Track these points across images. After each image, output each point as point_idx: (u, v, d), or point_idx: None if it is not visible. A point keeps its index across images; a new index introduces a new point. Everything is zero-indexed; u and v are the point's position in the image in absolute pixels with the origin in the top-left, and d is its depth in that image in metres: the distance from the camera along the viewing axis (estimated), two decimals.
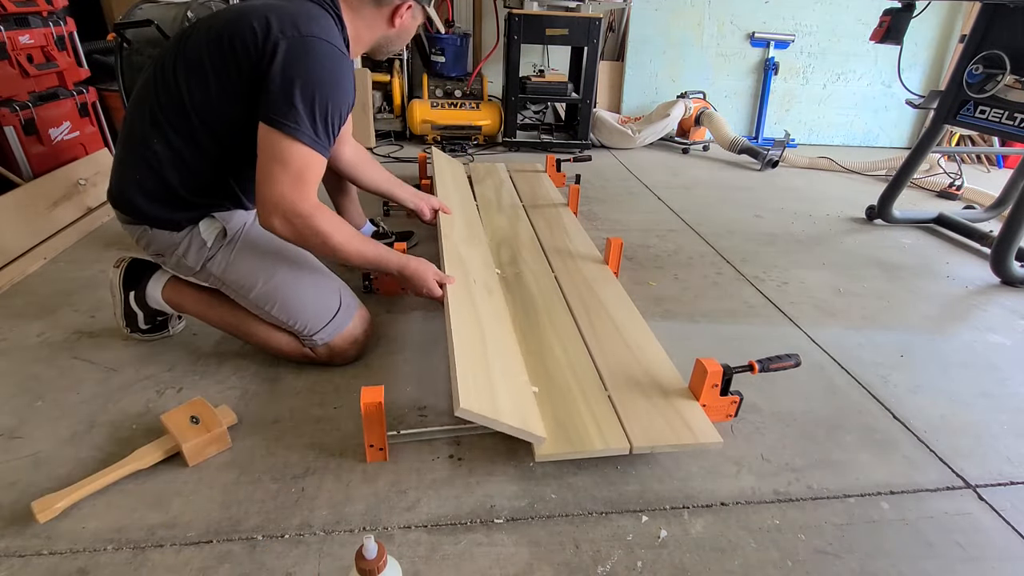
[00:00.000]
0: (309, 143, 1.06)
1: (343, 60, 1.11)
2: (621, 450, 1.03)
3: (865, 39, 3.47)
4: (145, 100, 1.14)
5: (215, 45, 1.08)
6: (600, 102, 3.85)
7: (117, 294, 1.35)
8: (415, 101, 3.33)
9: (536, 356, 1.27)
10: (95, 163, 2.28)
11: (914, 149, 2.37)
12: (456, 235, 1.65)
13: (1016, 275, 1.98)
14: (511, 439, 1.04)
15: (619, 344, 1.32)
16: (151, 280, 1.34)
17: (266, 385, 1.28)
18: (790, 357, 1.17)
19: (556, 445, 1.02)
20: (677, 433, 1.06)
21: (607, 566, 0.91)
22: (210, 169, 1.18)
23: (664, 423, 1.08)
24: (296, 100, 1.04)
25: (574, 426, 1.07)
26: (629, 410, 1.12)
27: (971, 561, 0.96)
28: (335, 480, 1.04)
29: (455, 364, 1.02)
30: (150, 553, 0.89)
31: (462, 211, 1.92)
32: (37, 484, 1.00)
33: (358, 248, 1.20)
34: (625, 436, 1.05)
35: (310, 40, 1.06)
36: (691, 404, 1.14)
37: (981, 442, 1.23)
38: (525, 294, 1.52)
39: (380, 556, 0.71)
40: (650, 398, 1.15)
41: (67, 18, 2.29)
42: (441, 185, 2.08)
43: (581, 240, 1.86)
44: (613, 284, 1.59)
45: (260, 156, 1.07)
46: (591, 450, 1.02)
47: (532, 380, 1.18)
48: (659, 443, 1.04)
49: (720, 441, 1.05)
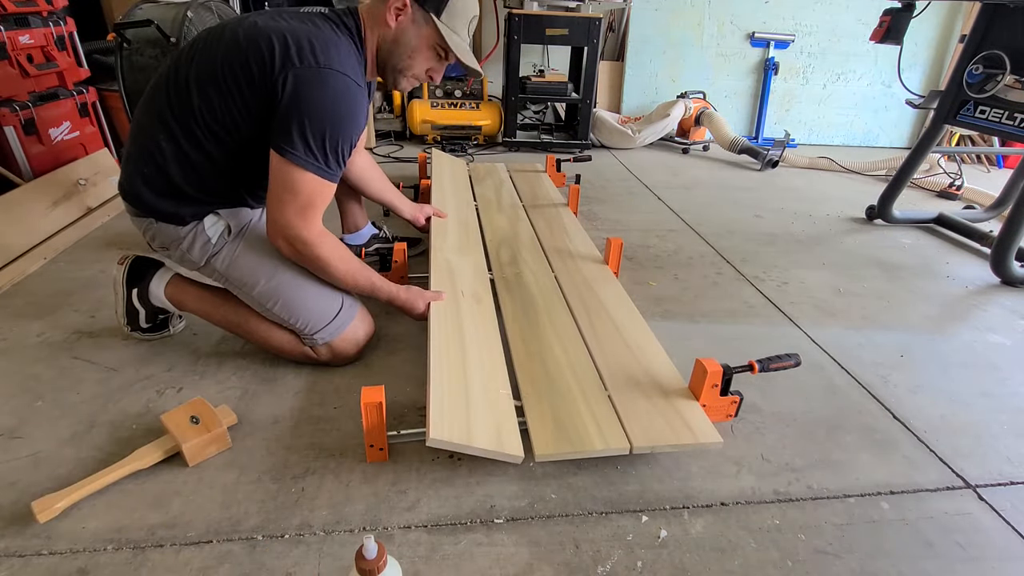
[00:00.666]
0: (317, 172, 1.09)
1: (356, 93, 1.11)
2: (621, 450, 1.03)
3: (865, 39, 3.47)
4: (157, 98, 1.15)
5: (230, 61, 1.08)
6: (600, 102, 3.85)
7: (120, 291, 1.35)
8: (415, 101, 3.33)
9: (536, 356, 1.27)
10: (95, 163, 2.28)
11: (914, 149, 2.37)
12: (448, 245, 1.67)
13: (1016, 275, 1.98)
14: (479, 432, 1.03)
15: (619, 344, 1.32)
16: (154, 277, 1.35)
17: (266, 385, 1.28)
18: (790, 357, 1.17)
19: (556, 445, 1.02)
20: (677, 433, 1.06)
21: (607, 566, 0.91)
22: (216, 173, 1.18)
23: (664, 423, 1.08)
24: (306, 133, 1.06)
25: (574, 426, 1.07)
26: (629, 410, 1.12)
27: (971, 561, 0.96)
28: (335, 480, 1.04)
29: (429, 393, 1.05)
30: (150, 553, 0.89)
31: (458, 214, 1.93)
32: (37, 484, 1.00)
33: (354, 277, 1.25)
34: (625, 436, 1.05)
35: (325, 72, 1.06)
36: (691, 404, 1.14)
37: (981, 442, 1.23)
38: (525, 294, 1.52)
39: (380, 556, 0.71)
40: (650, 398, 1.15)
41: (67, 18, 2.29)
42: (438, 188, 2.09)
43: (581, 240, 1.86)
44: (613, 284, 1.59)
45: (271, 180, 1.11)
46: (591, 450, 1.02)
47: (531, 380, 1.19)
48: (659, 443, 1.04)
49: (720, 441, 1.05)
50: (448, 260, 1.57)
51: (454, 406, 1.04)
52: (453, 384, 1.10)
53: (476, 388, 1.12)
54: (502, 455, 1.00)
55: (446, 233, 1.75)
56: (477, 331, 1.31)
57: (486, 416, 1.06)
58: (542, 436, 1.04)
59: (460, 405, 1.05)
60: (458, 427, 1.00)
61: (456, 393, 1.08)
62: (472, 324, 1.32)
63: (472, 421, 1.03)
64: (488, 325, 1.36)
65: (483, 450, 0.99)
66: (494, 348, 1.28)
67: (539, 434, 1.05)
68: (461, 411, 1.04)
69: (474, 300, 1.43)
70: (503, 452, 1.00)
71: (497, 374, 1.20)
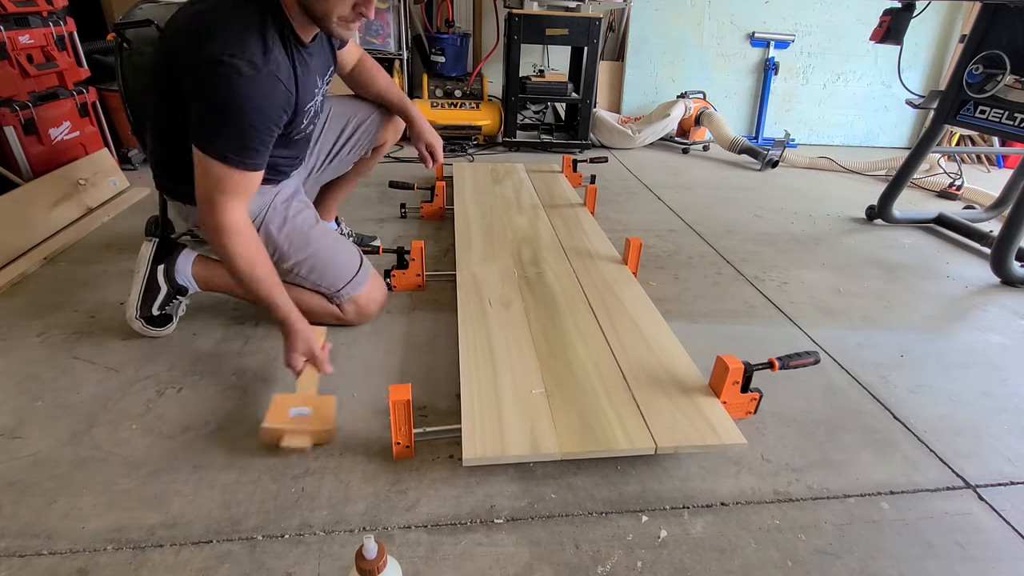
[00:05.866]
0: (222, 160, 1.09)
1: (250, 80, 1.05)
2: (646, 450, 1.04)
3: (865, 39, 3.45)
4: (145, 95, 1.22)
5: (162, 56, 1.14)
6: (600, 102, 3.85)
7: (143, 269, 1.36)
8: (415, 101, 3.32)
9: (560, 355, 1.29)
10: (95, 163, 2.28)
11: (914, 149, 2.37)
12: (472, 258, 1.73)
13: (1016, 275, 1.98)
14: (512, 440, 1.04)
15: (639, 342, 1.35)
16: (182, 253, 1.40)
17: (266, 385, 1.28)
18: (809, 355, 1.18)
19: (582, 443, 1.04)
20: (701, 434, 1.07)
21: (607, 566, 0.91)
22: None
23: (688, 423, 1.09)
24: (207, 125, 1.08)
25: (599, 425, 1.08)
26: (652, 409, 1.13)
27: (971, 561, 0.96)
28: (335, 480, 1.04)
29: (463, 411, 1.09)
30: (150, 553, 0.89)
31: (481, 220, 2.02)
32: (37, 484, 1.00)
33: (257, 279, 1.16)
34: (650, 436, 1.06)
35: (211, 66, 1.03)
36: (712, 402, 1.15)
37: (981, 442, 1.23)
38: (547, 294, 1.55)
39: (380, 556, 0.71)
40: (672, 397, 1.16)
41: (67, 18, 2.29)
42: (460, 196, 2.24)
43: (599, 240, 1.89)
44: (632, 284, 1.62)
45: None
46: (616, 449, 1.04)
47: (556, 378, 1.21)
48: (684, 444, 1.05)
49: (744, 442, 1.05)
50: (474, 274, 1.62)
51: (485, 420, 1.08)
52: (484, 397, 1.14)
53: (507, 394, 1.15)
54: (537, 456, 1.03)
55: (470, 244, 1.81)
56: (507, 337, 1.34)
57: (520, 419, 1.08)
58: (567, 434, 1.05)
59: (492, 418, 1.09)
60: (491, 441, 1.03)
61: (487, 406, 1.11)
62: (501, 331, 1.36)
63: (505, 430, 1.06)
64: (519, 328, 1.38)
65: (519, 456, 1.02)
66: (525, 350, 1.30)
67: (564, 432, 1.06)
68: (494, 423, 1.07)
69: (502, 306, 1.47)
70: (540, 453, 1.02)
71: (529, 375, 1.21)
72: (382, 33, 3.26)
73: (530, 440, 1.03)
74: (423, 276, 1.69)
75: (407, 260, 1.67)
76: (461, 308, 1.45)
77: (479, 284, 1.57)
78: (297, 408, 1.11)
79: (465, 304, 1.47)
